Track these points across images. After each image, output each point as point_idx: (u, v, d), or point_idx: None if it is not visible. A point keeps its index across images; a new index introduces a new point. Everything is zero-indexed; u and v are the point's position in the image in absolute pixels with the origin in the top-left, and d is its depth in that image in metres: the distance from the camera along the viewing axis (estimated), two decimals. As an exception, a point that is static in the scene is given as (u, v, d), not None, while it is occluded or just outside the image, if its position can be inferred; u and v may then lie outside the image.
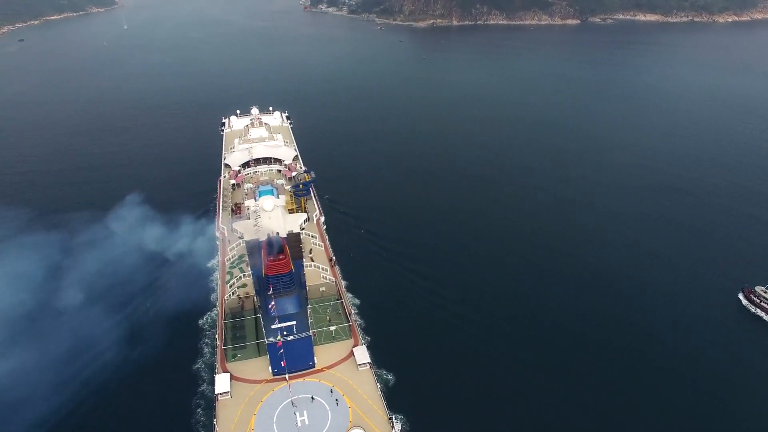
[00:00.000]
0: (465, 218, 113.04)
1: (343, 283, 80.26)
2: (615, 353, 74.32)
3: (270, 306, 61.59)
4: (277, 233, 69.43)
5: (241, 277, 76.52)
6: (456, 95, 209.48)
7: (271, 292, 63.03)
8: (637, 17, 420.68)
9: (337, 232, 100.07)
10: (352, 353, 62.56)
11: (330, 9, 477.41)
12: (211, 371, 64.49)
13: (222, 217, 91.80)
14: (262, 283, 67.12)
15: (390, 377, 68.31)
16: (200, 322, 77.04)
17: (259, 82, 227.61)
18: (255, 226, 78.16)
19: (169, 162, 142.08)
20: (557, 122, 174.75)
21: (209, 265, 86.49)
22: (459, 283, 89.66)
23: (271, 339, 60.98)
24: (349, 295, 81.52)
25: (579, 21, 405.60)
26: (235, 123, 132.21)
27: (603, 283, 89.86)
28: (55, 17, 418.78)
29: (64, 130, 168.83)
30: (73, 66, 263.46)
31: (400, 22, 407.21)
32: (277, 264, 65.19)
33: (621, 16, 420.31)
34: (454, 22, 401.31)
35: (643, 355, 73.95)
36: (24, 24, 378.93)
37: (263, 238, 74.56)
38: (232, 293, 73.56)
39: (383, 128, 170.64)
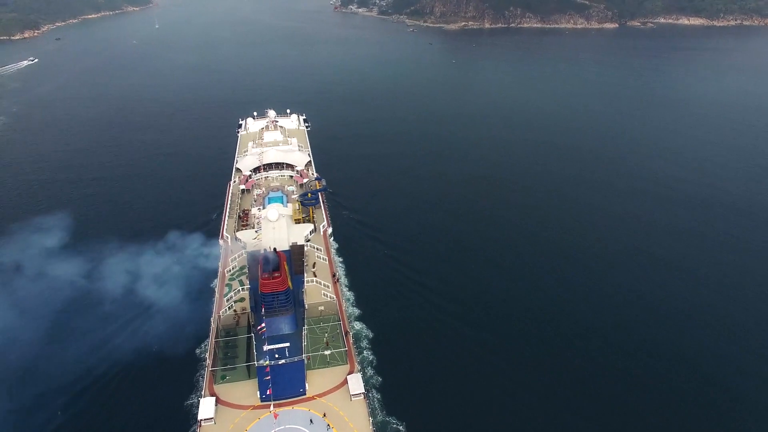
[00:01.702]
0: (505, 238, 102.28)
1: (344, 302, 75.60)
2: (652, 380, 68.10)
3: (259, 327, 57.94)
4: (274, 248, 65.83)
5: (239, 290, 72.88)
6: (486, 103, 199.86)
7: (263, 313, 59.43)
8: (680, 21, 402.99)
9: (354, 253, 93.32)
10: (346, 381, 58.14)
11: (360, 9, 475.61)
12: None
13: (227, 225, 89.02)
14: (257, 300, 63.65)
15: (391, 421, 61.06)
16: (197, 351, 68.88)
17: (281, 83, 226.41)
18: (254, 238, 74.67)
19: (185, 165, 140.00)
20: (596, 135, 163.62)
21: (212, 285, 78.95)
22: (495, 320, 79.09)
23: (261, 362, 57.30)
24: (362, 324, 75.51)
25: (617, 25, 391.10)
26: (251, 125, 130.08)
27: (646, 304, 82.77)
28: (92, 16, 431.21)
29: (83, 127, 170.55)
30: (100, 65, 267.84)
31: (431, 24, 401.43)
32: (273, 282, 61.63)
33: (662, 20, 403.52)
34: (486, 25, 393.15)
35: (684, 383, 67.93)
36: (63, 23, 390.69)
37: (270, 247, 71.09)
38: (228, 308, 70.13)
39: (407, 134, 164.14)
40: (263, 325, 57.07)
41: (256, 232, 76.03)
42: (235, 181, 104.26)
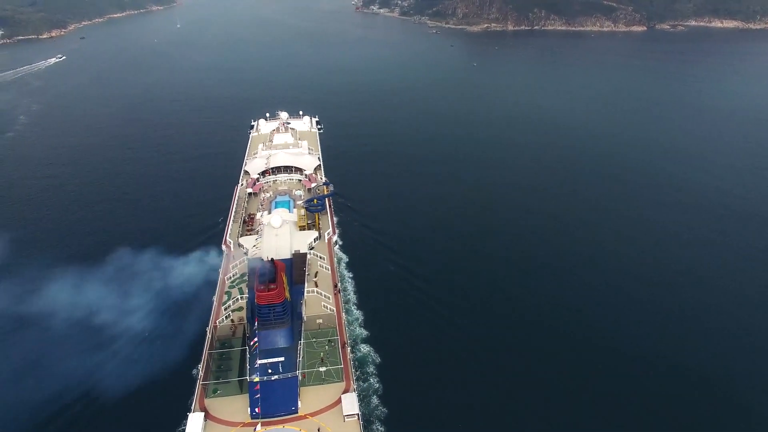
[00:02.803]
0: (538, 255, 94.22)
1: (346, 316, 72.18)
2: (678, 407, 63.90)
3: (252, 342, 55.66)
4: (271, 258, 63.46)
5: (238, 298, 70.94)
6: (508, 108, 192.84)
7: (256, 327, 57.10)
8: (712, 24, 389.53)
9: (365, 266, 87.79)
10: (340, 400, 55.36)
11: (381, 10, 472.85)
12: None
13: (231, 229, 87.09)
14: (253, 310, 61.38)
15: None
16: (194, 372, 63.39)
17: (298, 84, 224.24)
18: (254, 246, 72.46)
19: (196, 166, 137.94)
20: (627, 143, 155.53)
21: (214, 298, 73.18)
22: (526, 352, 71.64)
23: (254, 377, 55.08)
24: (369, 347, 70.34)
25: (645, 28, 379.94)
26: (263, 127, 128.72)
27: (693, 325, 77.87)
28: (117, 15, 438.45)
29: (96, 127, 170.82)
30: (119, 65, 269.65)
31: (453, 26, 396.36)
32: (269, 294, 59.23)
33: (693, 23, 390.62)
34: (510, 27, 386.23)
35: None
36: (89, 22, 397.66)
37: (269, 256, 68.80)
38: (226, 317, 68.15)
39: (425, 138, 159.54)
40: (256, 340, 54.68)
41: (256, 239, 73.76)
42: (242, 184, 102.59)
